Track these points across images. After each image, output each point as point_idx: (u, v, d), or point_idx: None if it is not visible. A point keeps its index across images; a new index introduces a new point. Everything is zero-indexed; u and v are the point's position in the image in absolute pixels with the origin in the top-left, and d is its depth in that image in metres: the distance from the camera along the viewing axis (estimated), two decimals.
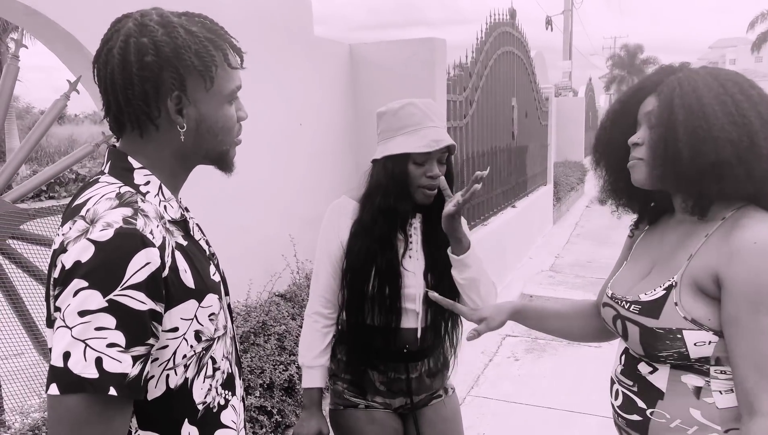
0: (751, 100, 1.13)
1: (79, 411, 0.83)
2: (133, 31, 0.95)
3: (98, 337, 0.84)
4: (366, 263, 1.66)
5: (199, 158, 1.06)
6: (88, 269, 0.85)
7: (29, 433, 1.86)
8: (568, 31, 23.82)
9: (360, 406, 1.75)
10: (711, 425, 1.15)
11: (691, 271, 1.16)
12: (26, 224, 2.24)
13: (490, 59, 5.68)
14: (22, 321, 2.33)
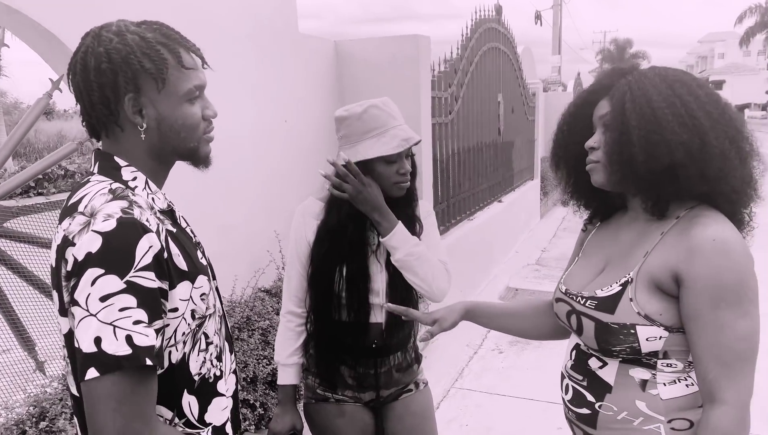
0: (699, 100, 1.17)
1: (120, 387, 0.91)
2: (91, 43, 1.04)
3: (124, 317, 0.92)
4: (333, 266, 1.71)
5: (171, 155, 1.13)
6: (101, 257, 0.92)
7: (14, 427, 1.89)
8: (558, 26, 23.88)
9: (330, 400, 1.79)
10: (655, 416, 1.20)
11: (647, 268, 1.20)
12: (10, 222, 2.27)
13: (476, 55, 5.72)
14: (6, 317, 2.36)
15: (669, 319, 1.18)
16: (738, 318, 1.12)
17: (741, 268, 1.12)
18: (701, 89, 1.19)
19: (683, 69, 1.28)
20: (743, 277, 1.12)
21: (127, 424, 0.92)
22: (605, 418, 1.25)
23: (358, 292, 1.70)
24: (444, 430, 3.30)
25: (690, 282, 1.14)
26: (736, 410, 1.11)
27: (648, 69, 1.25)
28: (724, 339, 1.12)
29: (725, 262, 1.11)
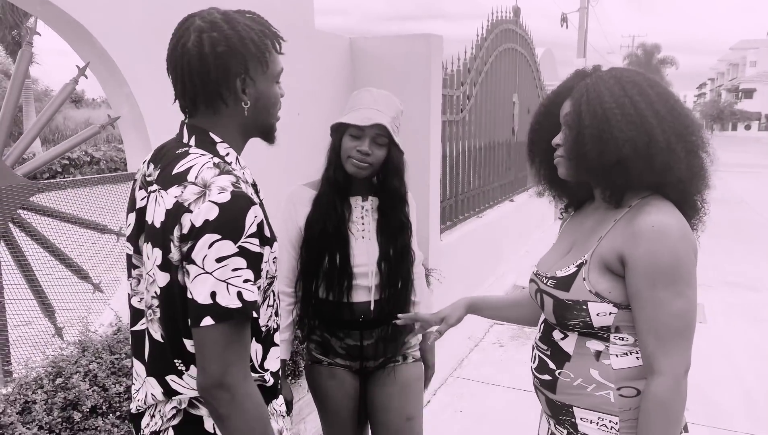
0: (648, 99, 1.28)
1: (229, 333, 1.08)
2: (204, 27, 1.17)
3: (236, 276, 1.07)
4: (321, 250, 1.86)
5: (254, 131, 1.28)
6: (218, 224, 1.06)
7: (33, 383, 2.07)
8: (583, 29, 23.77)
9: (324, 363, 1.96)
10: (606, 383, 1.33)
11: (599, 251, 1.33)
12: (35, 197, 2.45)
13: (491, 55, 5.82)
14: (30, 285, 2.54)
15: (617, 297, 1.29)
16: (673, 297, 1.22)
17: (676, 251, 1.22)
18: (652, 89, 1.30)
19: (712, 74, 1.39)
20: (678, 260, 1.22)
21: (230, 364, 1.08)
22: (563, 384, 1.38)
23: (339, 259, 1.85)
24: (439, 414, 3.44)
25: (632, 263, 1.26)
26: (670, 380, 1.22)
27: (606, 71, 1.36)
28: (660, 316, 1.23)
29: (661, 246, 1.22)
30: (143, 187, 1.23)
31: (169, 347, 1.17)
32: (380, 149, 1.84)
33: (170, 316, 1.15)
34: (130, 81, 2.69)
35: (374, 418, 1.99)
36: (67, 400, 2.01)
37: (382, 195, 1.91)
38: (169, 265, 1.12)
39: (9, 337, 2.46)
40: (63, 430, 1.94)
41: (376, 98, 1.85)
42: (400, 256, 1.91)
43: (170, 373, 1.18)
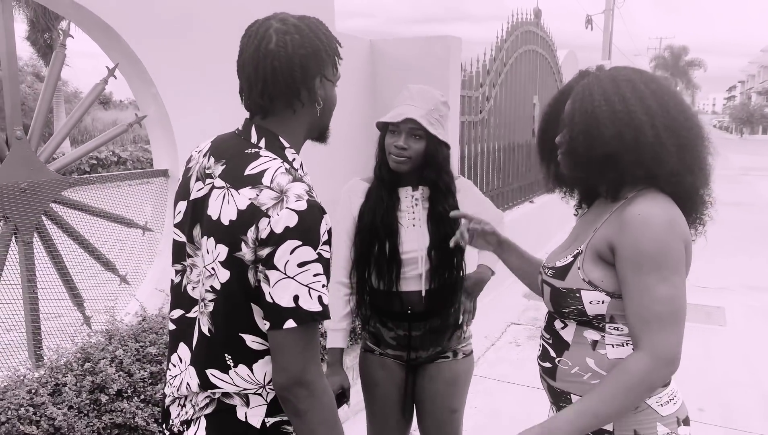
0: (640, 95, 1.31)
1: (310, 334, 1.13)
2: (286, 30, 1.20)
3: (316, 281, 1.12)
4: (368, 223, 1.95)
5: (316, 132, 1.33)
6: (298, 231, 1.10)
7: (63, 367, 2.18)
8: (609, 31, 23.54)
9: (375, 353, 2.05)
10: (601, 372, 1.37)
11: (593, 242, 1.38)
12: (66, 191, 2.57)
13: (511, 57, 5.85)
14: (61, 276, 2.66)
15: (609, 286, 1.34)
16: (657, 283, 1.25)
17: (661, 238, 1.26)
18: (647, 85, 1.33)
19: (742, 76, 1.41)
20: (663, 247, 1.26)
21: (309, 363, 1.13)
22: (562, 371, 1.43)
23: (389, 247, 1.93)
24: None
25: (619, 250, 1.30)
26: (649, 358, 1.25)
27: (606, 71, 1.40)
28: (645, 300, 1.27)
29: (646, 233, 1.26)
30: (200, 178, 1.25)
31: (220, 342, 1.19)
32: (417, 142, 1.89)
33: (228, 311, 1.18)
34: (156, 81, 2.81)
35: (420, 407, 2.07)
36: (94, 383, 2.12)
37: (428, 185, 1.97)
38: (233, 262, 1.14)
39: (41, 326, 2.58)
40: (90, 411, 2.05)
41: (413, 94, 1.92)
42: (449, 241, 1.92)
43: (213, 367, 1.20)
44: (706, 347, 4.56)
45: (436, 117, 1.90)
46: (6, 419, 1.88)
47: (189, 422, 1.24)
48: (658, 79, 1.38)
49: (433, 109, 1.90)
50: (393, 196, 1.96)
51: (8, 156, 2.38)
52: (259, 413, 1.21)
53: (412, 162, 1.90)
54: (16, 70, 2.39)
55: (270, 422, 1.22)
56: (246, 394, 1.21)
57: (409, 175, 1.95)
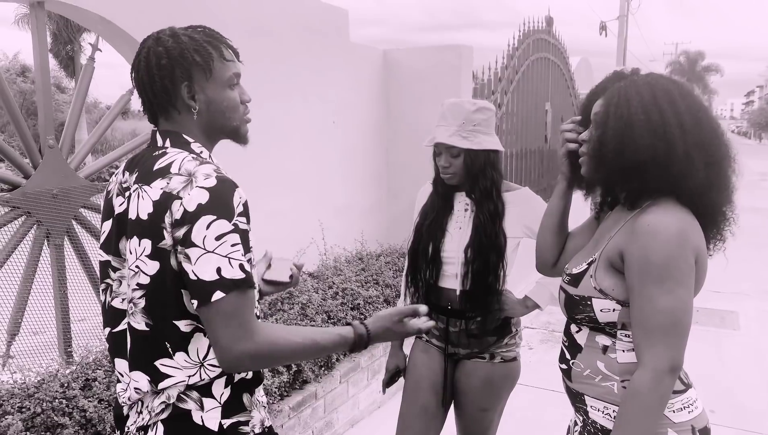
0: (676, 109, 1.31)
1: (238, 302, 1.15)
2: (152, 44, 1.28)
3: (234, 250, 1.16)
4: (420, 224, 2.15)
5: (218, 133, 1.35)
6: (211, 206, 1.14)
7: (92, 363, 2.30)
8: (623, 37, 23.48)
9: (422, 339, 2.22)
10: (611, 375, 1.40)
11: (607, 250, 1.39)
12: (94, 197, 2.70)
13: (522, 65, 5.93)
14: (89, 277, 2.79)
15: (620, 294, 1.35)
16: (662, 294, 1.26)
17: (668, 250, 1.26)
18: (683, 99, 1.33)
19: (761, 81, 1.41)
20: (669, 259, 1.26)
21: (243, 333, 1.15)
22: (576, 373, 1.46)
23: (432, 246, 2.09)
24: None
25: (628, 259, 1.32)
26: (650, 373, 1.26)
27: (642, 76, 1.40)
28: (648, 309, 1.28)
29: (654, 243, 1.27)
30: (120, 193, 1.29)
31: (159, 332, 1.22)
32: (456, 158, 2.02)
33: (161, 301, 1.20)
34: None
35: (456, 399, 2.18)
36: None
37: (481, 195, 2.07)
38: (160, 252, 1.18)
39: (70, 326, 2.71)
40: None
41: (444, 112, 2.03)
42: (485, 245, 2.03)
43: (160, 358, 1.22)
44: (719, 351, 4.59)
45: (469, 129, 1.99)
46: (41, 410, 2.00)
47: (146, 428, 1.26)
48: (693, 94, 1.37)
49: (465, 123, 1.99)
50: (447, 202, 2.12)
51: (41, 164, 2.52)
52: (214, 416, 1.24)
53: (460, 174, 2.04)
54: (49, 82, 2.53)
55: (227, 424, 1.25)
56: (198, 396, 1.24)
57: (464, 183, 2.08)
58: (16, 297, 2.60)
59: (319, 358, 2.94)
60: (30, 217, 2.52)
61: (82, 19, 2.73)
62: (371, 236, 4.61)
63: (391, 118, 4.78)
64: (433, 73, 4.51)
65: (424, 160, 2.16)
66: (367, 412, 3.48)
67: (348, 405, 3.27)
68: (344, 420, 3.25)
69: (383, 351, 3.52)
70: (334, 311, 3.18)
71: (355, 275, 3.66)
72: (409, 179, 4.58)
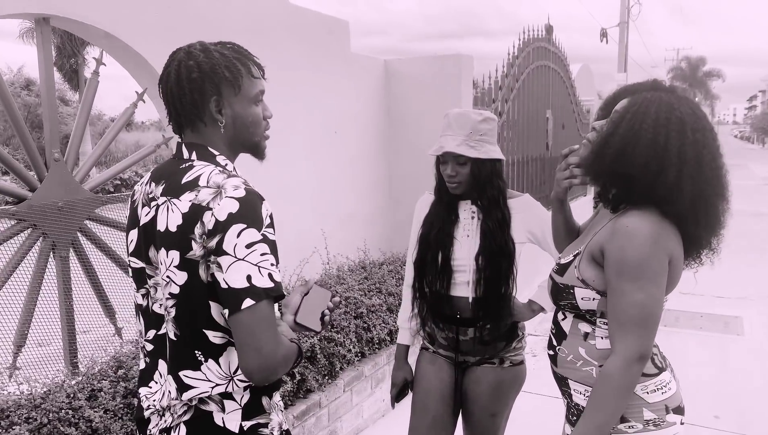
0: (683, 139, 1.38)
1: (267, 310, 1.18)
2: (183, 57, 1.31)
3: (264, 259, 1.18)
4: (426, 234, 2.13)
5: (240, 147, 1.39)
6: (241, 216, 1.18)
7: (98, 374, 2.32)
8: (624, 44, 23.53)
9: (429, 350, 2.21)
10: (591, 360, 1.51)
11: (590, 244, 1.51)
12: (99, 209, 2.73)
13: (523, 73, 5.96)
14: (95, 289, 2.82)
15: (599, 285, 1.47)
16: (634, 290, 1.37)
17: (643, 251, 1.37)
18: (694, 133, 1.39)
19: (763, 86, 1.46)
20: (643, 260, 1.37)
21: (275, 337, 1.19)
22: (561, 358, 1.57)
23: (441, 257, 2.08)
24: None
25: (606, 255, 1.44)
26: (621, 360, 1.37)
27: (671, 95, 1.44)
28: (621, 303, 1.39)
29: (630, 244, 1.38)
30: (146, 204, 1.31)
31: (188, 341, 1.25)
32: (463, 167, 2.02)
33: (190, 310, 1.24)
34: None
35: (465, 407, 2.18)
36: (127, 389, 2.25)
37: (488, 202, 2.09)
38: (188, 263, 1.21)
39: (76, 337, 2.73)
40: (125, 414, 2.18)
41: (451, 122, 2.04)
42: (496, 252, 2.05)
43: (185, 368, 1.26)
44: (723, 356, 4.58)
45: (476, 138, 2.01)
46: (48, 421, 2.02)
47: (168, 430, 1.28)
48: (707, 130, 1.42)
49: (471, 133, 2.01)
50: (451, 211, 2.12)
51: (47, 177, 2.55)
52: (235, 417, 1.27)
53: (465, 183, 2.05)
54: (54, 97, 2.57)
55: (247, 426, 1.28)
56: (220, 398, 1.26)
57: (468, 192, 2.08)
58: (22, 309, 2.63)
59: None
60: (36, 230, 2.56)
61: (86, 34, 2.77)
62: (374, 245, 4.63)
63: (392, 127, 4.81)
64: (433, 83, 4.55)
65: (426, 168, 2.17)
66: (371, 421, 3.49)
67: (352, 414, 3.28)
68: (348, 429, 3.26)
69: (387, 359, 3.54)
70: (337, 320, 3.20)
71: (358, 284, 3.68)
72: (411, 187, 4.60)
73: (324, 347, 3.02)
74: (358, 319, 3.38)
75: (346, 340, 3.16)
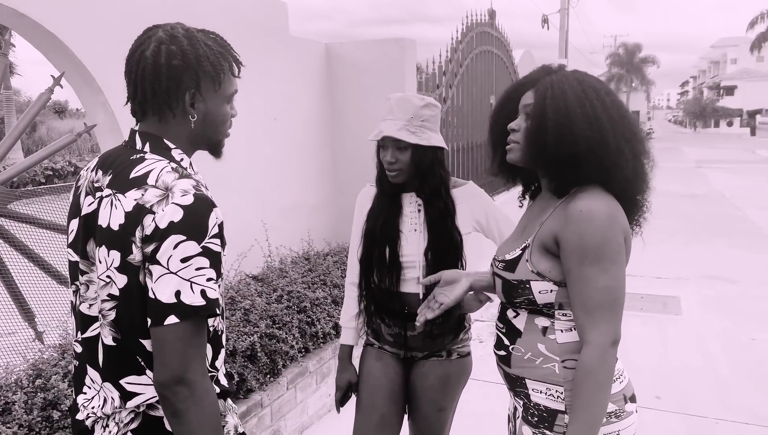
0: (604, 105, 1.39)
1: (192, 330, 1.11)
2: (164, 39, 1.21)
3: (199, 275, 1.11)
4: (371, 229, 2.03)
5: (201, 144, 1.31)
6: (183, 226, 1.10)
7: (13, 384, 2.13)
8: (564, 30, 23.99)
9: (374, 346, 2.12)
10: (552, 356, 1.44)
11: (539, 235, 1.44)
12: (13, 204, 2.50)
13: (466, 58, 5.92)
14: (9, 290, 2.59)
15: (556, 276, 1.41)
16: (599, 274, 1.33)
17: (602, 233, 1.34)
18: (608, 96, 1.42)
19: (694, 72, 1.49)
20: (603, 241, 1.33)
21: (191, 361, 1.11)
22: (516, 358, 1.49)
23: (389, 252, 1.99)
24: None
25: (563, 244, 1.38)
26: (596, 349, 1.33)
27: (570, 72, 1.46)
28: (587, 290, 1.34)
29: (588, 227, 1.34)
30: (90, 193, 1.23)
31: (129, 346, 1.18)
32: (404, 153, 1.93)
33: (129, 316, 1.16)
34: (105, 89, 2.76)
35: (411, 402, 2.10)
36: (46, 400, 2.07)
37: (431, 193, 1.99)
38: (128, 266, 1.14)
39: None
40: (42, 429, 2.00)
41: (392, 106, 1.95)
42: (443, 245, 1.98)
43: (127, 374, 1.19)
44: (662, 336, 4.70)
45: (417, 124, 1.93)
46: None
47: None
48: (611, 92, 1.45)
49: (413, 117, 1.93)
50: (395, 203, 2.02)
51: None
52: None
53: (407, 171, 1.95)
54: None
55: None
56: None
57: (410, 182, 1.99)
58: None
59: None
60: None
61: None
62: (318, 235, 4.51)
63: (335, 112, 4.68)
64: (376, 67, 4.44)
65: (370, 155, 2.06)
66: (316, 417, 3.39)
67: (296, 411, 3.16)
68: (293, 427, 3.15)
69: (332, 353, 3.43)
70: (279, 315, 3.07)
71: (302, 277, 3.55)
72: (356, 174, 4.49)
73: (265, 345, 2.89)
74: (302, 313, 3.26)
75: (288, 336, 3.04)
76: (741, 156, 24.11)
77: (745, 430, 3.29)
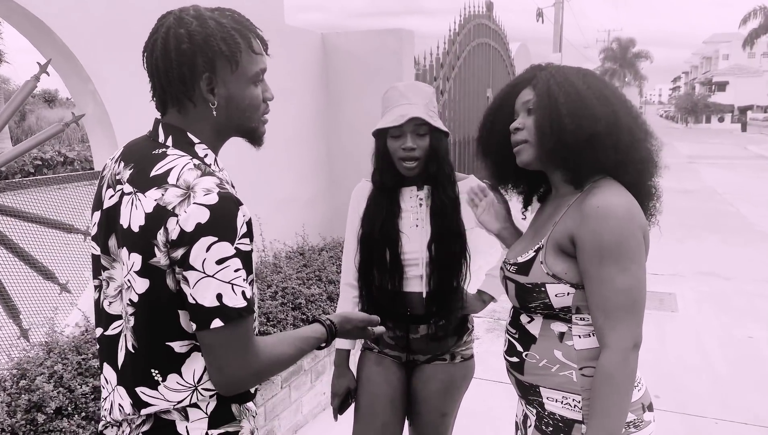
0: (607, 86, 1.39)
1: (239, 331, 1.09)
2: (172, 24, 1.13)
3: (237, 276, 1.07)
4: (369, 230, 1.91)
5: (232, 132, 1.23)
6: (212, 227, 1.04)
7: None
8: (559, 24, 23.95)
9: (374, 350, 2.02)
10: (569, 364, 1.36)
11: (554, 235, 1.37)
12: None
13: (464, 50, 5.84)
14: None
15: (573, 277, 1.34)
16: (618, 273, 1.27)
17: (620, 230, 1.27)
18: (607, 84, 1.41)
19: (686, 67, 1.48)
20: (622, 238, 1.27)
21: (243, 358, 1.10)
22: (530, 365, 1.42)
23: (390, 253, 1.88)
24: None
25: (580, 243, 1.31)
26: (616, 353, 1.27)
27: (560, 65, 1.43)
28: (606, 291, 1.28)
29: (605, 225, 1.27)
30: (111, 185, 1.18)
31: (145, 357, 1.14)
32: (423, 139, 1.83)
33: (151, 322, 1.12)
34: (94, 78, 2.66)
35: (413, 407, 2.02)
36: (31, 402, 1.98)
37: (436, 181, 1.90)
38: (150, 270, 1.08)
39: None
40: (27, 432, 1.92)
41: (404, 91, 1.85)
42: (448, 234, 1.89)
43: (141, 385, 1.15)
44: (660, 333, 4.66)
45: (432, 108, 1.86)
46: None
47: None
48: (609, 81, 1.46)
49: (429, 102, 1.85)
50: (393, 201, 1.91)
51: None
52: (201, 426, 1.16)
53: (421, 162, 1.85)
54: None
55: (214, 434, 1.17)
56: (183, 408, 1.15)
57: (419, 173, 1.89)
58: None
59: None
60: None
61: None
62: (313, 229, 4.42)
63: (330, 104, 4.58)
64: (374, 58, 4.35)
65: (367, 147, 1.97)
66: (311, 416, 3.32)
67: (291, 410, 3.09)
68: (287, 426, 3.08)
69: (327, 351, 3.36)
70: (273, 312, 2.99)
71: (296, 272, 3.47)
72: (352, 167, 4.41)
73: None
74: (297, 310, 3.18)
75: None
76: (733, 152, 24.20)
77: (745, 431, 3.25)
